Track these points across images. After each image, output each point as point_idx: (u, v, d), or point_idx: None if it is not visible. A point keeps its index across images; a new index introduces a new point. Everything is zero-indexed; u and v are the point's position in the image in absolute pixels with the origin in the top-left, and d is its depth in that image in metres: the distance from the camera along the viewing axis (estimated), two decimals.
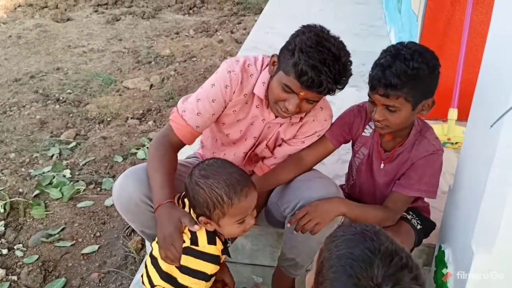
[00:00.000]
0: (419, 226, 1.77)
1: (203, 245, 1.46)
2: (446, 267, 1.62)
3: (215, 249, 1.47)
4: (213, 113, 1.70)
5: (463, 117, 2.51)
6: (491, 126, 1.30)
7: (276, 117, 1.71)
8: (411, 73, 1.48)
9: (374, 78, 1.53)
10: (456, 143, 2.61)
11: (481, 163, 1.43)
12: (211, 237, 1.48)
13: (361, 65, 3.66)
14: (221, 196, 1.39)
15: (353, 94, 3.49)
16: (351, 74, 1.56)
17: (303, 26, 1.57)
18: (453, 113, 2.60)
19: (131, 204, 1.67)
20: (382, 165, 1.76)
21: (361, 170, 1.84)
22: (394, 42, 4.03)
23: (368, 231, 0.96)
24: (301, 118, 1.74)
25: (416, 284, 0.89)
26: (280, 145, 1.82)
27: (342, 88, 1.57)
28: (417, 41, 2.83)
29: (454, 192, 1.72)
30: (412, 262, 0.91)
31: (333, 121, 1.83)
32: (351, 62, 1.55)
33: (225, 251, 1.53)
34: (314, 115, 1.74)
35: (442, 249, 1.70)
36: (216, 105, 1.69)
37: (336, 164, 2.47)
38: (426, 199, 1.87)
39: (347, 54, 1.52)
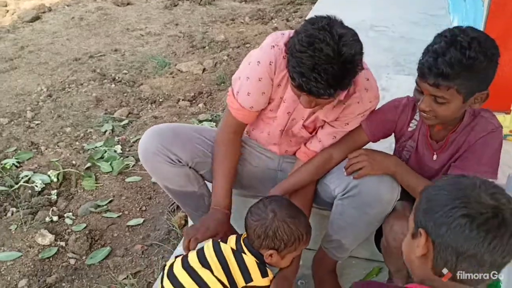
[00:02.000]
0: None
1: (258, 279, 1.55)
2: None
3: (268, 281, 1.56)
4: (263, 91, 1.67)
5: None
6: None
7: None
8: (467, 63, 1.34)
9: (424, 65, 1.39)
10: None
11: None
12: (263, 270, 1.57)
13: (419, 54, 3.51)
14: (303, 234, 1.57)
15: (410, 82, 3.37)
16: (358, 71, 1.43)
17: (306, 21, 1.45)
18: None
19: (148, 154, 1.77)
20: (435, 157, 1.65)
21: (411, 163, 1.72)
22: None
23: (462, 178, 1.03)
24: (344, 100, 1.65)
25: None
26: (322, 127, 1.76)
27: (346, 88, 1.48)
28: (481, 28, 2.67)
29: None
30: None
31: (378, 104, 1.74)
32: (357, 58, 1.39)
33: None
34: (359, 96, 1.64)
35: None
36: (264, 83, 1.66)
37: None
38: None
39: (351, 50, 1.37)
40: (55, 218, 2.49)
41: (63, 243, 2.34)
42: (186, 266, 1.55)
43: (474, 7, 3.08)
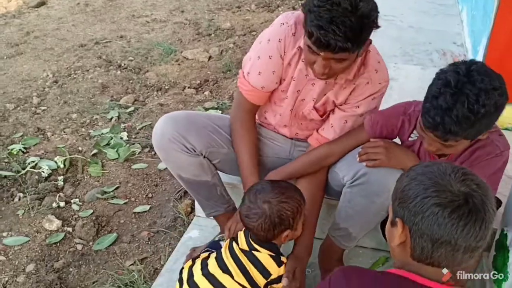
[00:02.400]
0: None
1: (275, 271, 1.56)
2: (508, 251, 1.52)
3: (284, 268, 1.57)
4: (274, 70, 1.68)
5: None
6: None
7: None
8: (475, 119, 1.27)
9: (429, 120, 1.32)
10: None
11: None
12: (278, 261, 1.57)
13: (428, 43, 3.50)
14: (300, 199, 1.56)
15: (418, 72, 3.36)
16: (373, 27, 1.43)
17: None
18: None
19: (163, 140, 1.76)
20: None
21: None
22: (465, 21, 3.81)
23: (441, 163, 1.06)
24: (353, 80, 1.65)
25: (483, 190, 0.99)
26: (333, 111, 1.75)
27: (362, 44, 1.45)
28: (492, 18, 2.65)
29: None
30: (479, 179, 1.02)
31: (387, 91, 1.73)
32: (373, 14, 1.40)
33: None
34: (368, 77, 1.65)
35: (505, 232, 1.60)
36: (274, 62, 1.67)
37: None
38: None
39: (368, 6, 1.38)
40: (62, 204, 2.50)
41: (70, 229, 2.35)
42: (206, 273, 1.56)
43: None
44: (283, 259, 1.59)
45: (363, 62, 1.64)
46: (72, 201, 2.53)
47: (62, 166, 2.76)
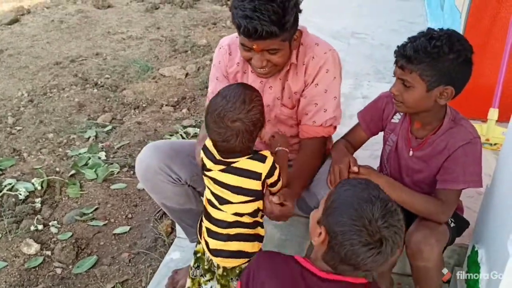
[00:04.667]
0: (452, 224, 1.72)
1: (262, 168, 1.51)
2: (479, 267, 1.59)
3: (270, 158, 1.52)
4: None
5: (504, 118, 2.44)
6: None
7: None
8: (431, 50, 1.45)
9: (396, 51, 1.54)
10: (495, 144, 2.54)
11: None
12: (259, 157, 1.52)
13: None
14: (256, 93, 1.50)
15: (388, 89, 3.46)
16: (296, 10, 1.56)
17: None
18: (493, 113, 2.53)
19: (149, 172, 1.78)
20: (411, 153, 1.71)
21: (391, 158, 1.80)
22: None
23: (370, 182, 1.20)
24: (300, 62, 1.74)
25: (400, 224, 1.14)
26: (298, 101, 1.80)
27: (287, 28, 1.54)
28: None
29: (492, 193, 1.68)
30: (398, 210, 1.15)
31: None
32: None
33: None
34: (311, 52, 1.74)
35: (476, 249, 1.67)
36: (222, 82, 1.79)
37: (369, 159, 2.44)
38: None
39: None
40: (40, 227, 2.48)
41: (49, 252, 2.33)
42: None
43: (451, 17, 3.18)
44: (263, 152, 1.53)
45: (300, 43, 1.73)
46: (50, 223, 2.52)
47: (39, 187, 2.74)
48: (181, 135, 3.30)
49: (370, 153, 2.51)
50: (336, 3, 5.02)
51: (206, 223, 1.60)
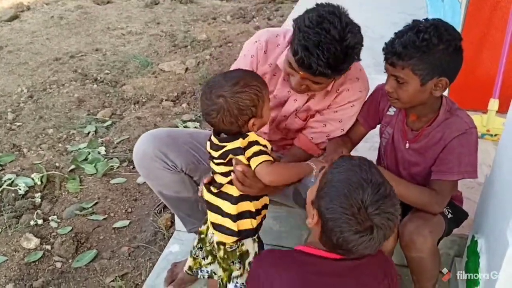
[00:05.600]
0: (450, 215, 1.71)
1: (240, 142, 1.48)
2: (479, 257, 1.58)
3: (253, 134, 1.49)
4: None
5: (504, 108, 2.42)
6: None
7: None
8: (420, 44, 1.44)
9: (384, 48, 1.52)
10: (496, 135, 2.52)
11: None
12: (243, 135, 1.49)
13: None
14: (258, 85, 1.45)
15: None
16: (355, 59, 1.51)
17: (317, 4, 1.55)
18: (494, 104, 2.52)
19: (145, 158, 1.78)
20: (407, 145, 1.70)
21: (387, 151, 1.79)
22: None
23: (364, 164, 1.18)
24: (333, 89, 1.73)
25: (394, 209, 1.14)
26: (313, 116, 1.81)
27: (341, 73, 1.54)
28: (459, 29, 2.74)
29: (491, 182, 1.67)
30: (393, 193, 1.16)
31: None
32: (358, 47, 1.48)
33: None
34: (349, 85, 1.72)
35: (475, 239, 1.66)
36: None
37: (369, 151, 2.43)
38: (459, 188, 1.81)
39: (355, 39, 1.45)
40: (40, 222, 2.48)
41: (48, 247, 2.33)
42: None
43: (452, 8, 3.16)
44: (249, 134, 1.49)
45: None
46: (50, 218, 2.52)
47: (39, 183, 2.73)
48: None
49: (370, 145, 2.50)
50: None
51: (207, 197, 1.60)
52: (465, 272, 1.70)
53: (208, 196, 1.59)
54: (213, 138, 1.52)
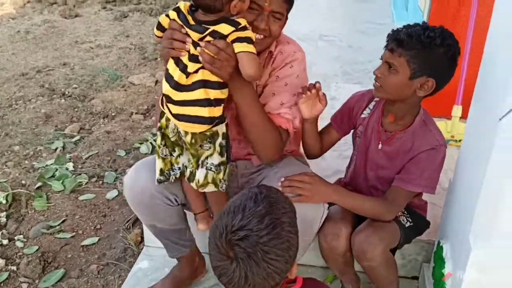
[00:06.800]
0: (408, 224, 1.73)
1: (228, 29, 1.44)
2: (444, 263, 1.60)
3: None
4: None
5: (467, 114, 2.46)
6: (500, 119, 1.25)
7: None
8: (424, 39, 1.48)
9: (389, 34, 1.57)
10: (460, 140, 2.57)
11: (480, 157, 1.40)
12: (232, 22, 1.44)
13: (367, 62, 3.65)
14: None
15: (358, 90, 3.49)
16: None
17: None
18: (457, 110, 2.57)
19: (145, 195, 1.69)
20: (380, 146, 1.72)
21: (360, 151, 1.80)
22: None
23: (259, 193, 1.11)
24: (270, 53, 1.72)
25: (265, 249, 1.03)
26: (261, 94, 1.73)
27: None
28: None
29: (454, 187, 1.70)
30: (279, 234, 1.05)
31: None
32: None
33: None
34: (282, 47, 1.73)
35: (441, 244, 1.68)
36: None
37: (337, 159, 2.45)
38: (424, 196, 1.84)
39: None
40: (5, 242, 2.40)
41: (14, 267, 2.26)
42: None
43: (415, 17, 3.23)
44: (239, 19, 1.45)
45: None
46: (16, 238, 2.44)
47: (4, 201, 2.66)
48: (151, 143, 3.26)
49: (338, 154, 2.52)
50: (305, 6, 5.05)
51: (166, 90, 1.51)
52: (432, 277, 1.72)
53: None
54: (190, 18, 1.45)
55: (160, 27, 1.54)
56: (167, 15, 1.51)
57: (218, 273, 1.08)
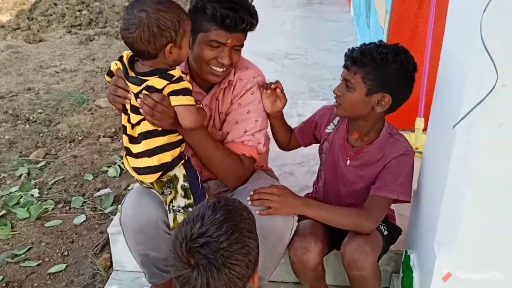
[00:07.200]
0: (386, 232, 1.76)
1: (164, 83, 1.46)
2: (412, 272, 1.62)
3: (178, 72, 1.47)
4: None
5: None
6: (454, 126, 1.29)
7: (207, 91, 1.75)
8: (376, 56, 1.53)
9: (345, 53, 1.63)
10: None
11: (440, 166, 1.44)
12: (165, 75, 1.46)
13: (332, 79, 3.72)
14: (182, 13, 1.45)
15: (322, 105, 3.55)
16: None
17: None
18: (420, 123, 2.64)
19: (150, 225, 1.65)
20: (348, 162, 1.74)
21: (327, 168, 1.83)
22: None
23: (217, 202, 1.12)
24: (230, 84, 1.74)
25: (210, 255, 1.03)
26: (224, 121, 1.77)
27: (257, 23, 1.65)
28: None
29: (418, 196, 1.73)
30: (226, 239, 1.04)
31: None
32: None
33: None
34: (240, 75, 1.75)
35: (408, 254, 1.71)
36: None
37: (306, 175, 2.48)
38: (392, 206, 1.87)
39: None
40: None
41: None
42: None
43: (376, 34, 3.32)
44: (172, 72, 1.46)
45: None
46: None
47: None
48: (119, 165, 3.22)
49: (307, 169, 2.55)
50: (270, 26, 5.13)
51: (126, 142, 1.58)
52: (402, 287, 1.74)
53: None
54: (129, 69, 1.49)
55: (110, 73, 1.59)
56: (116, 63, 1.56)
57: (181, 283, 1.07)
